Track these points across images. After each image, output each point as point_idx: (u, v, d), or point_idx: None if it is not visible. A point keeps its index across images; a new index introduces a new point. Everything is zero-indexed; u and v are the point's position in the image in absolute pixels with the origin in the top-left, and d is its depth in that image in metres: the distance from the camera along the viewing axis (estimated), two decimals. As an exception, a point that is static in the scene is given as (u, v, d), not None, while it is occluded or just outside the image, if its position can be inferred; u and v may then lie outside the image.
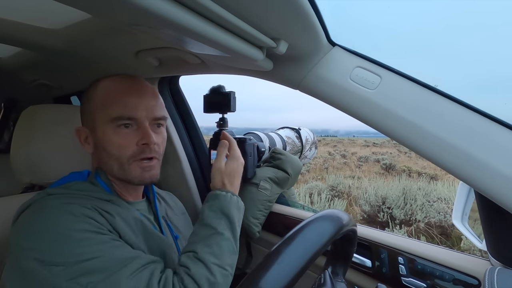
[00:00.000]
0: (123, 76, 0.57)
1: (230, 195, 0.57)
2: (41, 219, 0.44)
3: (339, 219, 0.39)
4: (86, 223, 0.44)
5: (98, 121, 0.53)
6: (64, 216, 0.44)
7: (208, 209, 0.55)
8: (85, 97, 0.57)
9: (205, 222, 0.53)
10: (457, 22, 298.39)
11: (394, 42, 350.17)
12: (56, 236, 0.42)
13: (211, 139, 0.85)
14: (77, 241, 0.42)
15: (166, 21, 0.34)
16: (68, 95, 1.33)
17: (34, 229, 0.43)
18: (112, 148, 0.53)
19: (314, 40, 0.53)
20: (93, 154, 0.58)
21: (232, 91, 0.79)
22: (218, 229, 0.52)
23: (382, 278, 0.71)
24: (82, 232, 0.43)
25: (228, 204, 0.55)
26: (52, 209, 0.45)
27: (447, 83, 40.51)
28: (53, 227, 0.43)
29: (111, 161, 0.54)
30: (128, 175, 0.54)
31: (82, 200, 0.48)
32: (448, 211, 3.94)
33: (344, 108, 0.56)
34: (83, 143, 0.57)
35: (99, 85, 0.56)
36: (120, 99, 0.53)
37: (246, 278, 0.31)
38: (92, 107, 0.55)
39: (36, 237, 0.42)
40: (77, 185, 0.53)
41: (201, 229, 0.53)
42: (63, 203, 0.46)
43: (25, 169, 0.66)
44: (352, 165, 11.93)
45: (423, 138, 0.49)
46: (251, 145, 0.79)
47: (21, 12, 0.65)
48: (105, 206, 0.49)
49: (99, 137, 0.53)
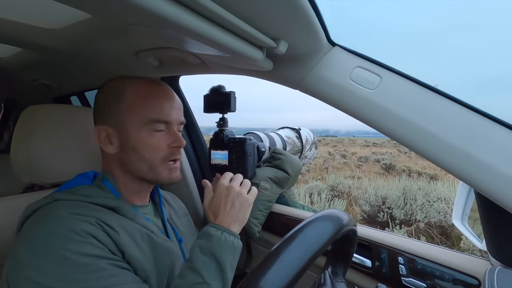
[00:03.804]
0: (151, 79, 0.58)
1: (225, 235, 0.52)
2: (43, 234, 0.42)
3: (339, 219, 0.39)
4: (89, 244, 0.42)
5: (130, 122, 0.53)
6: (66, 233, 0.42)
7: (199, 250, 0.50)
8: (111, 96, 0.55)
9: (193, 265, 0.48)
10: (458, 22, 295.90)
11: (394, 42, 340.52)
12: (56, 257, 0.40)
13: (211, 139, 0.85)
14: (77, 266, 0.40)
15: (166, 21, 0.34)
16: (68, 95, 1.33)
17: (34, 244, 0.41)
18: (145, 150, 0.53)
19: (314, 40, 0.53)
20: (112, 154, 0.55)
21: (232, 91, 0.79)
22: (205, 278, 0.47)
23: (382, 278, 0.71)
24: (83, 257, 0.41)
25: (221, 248, 0.50)
26: (55, 222, 0.43)
27: (447, 83, 40.56)
28: (54, 246, 0.41)
29: (141, 163, 0.54)
30: (159, 176, 0.55)
31: (87, 210, 0.47)
32: (448, 211, 3.94)
33: (344, 108, 0.56)
34: (102, 142, 0.54)
35: (129, 86, 0.55)
36: (157, 104, 0.54)
37: (246, 278, 0.31)
38: (123, 108, 0.53)
39: (36, 254, 0.41)
40: (84, 190, 0.51)
41: (188, 274, 0.48)
42: (69, 213, 0.45)
43: (25, 169, 0.66)
44: (352, 165, 11.93)
45: (423, 138, 0.49)
46: (251, 145, 0.79)
47: (21, 12, 0.65)
48: (110, 219, 0.47)
49: (131, 138, 0.53)
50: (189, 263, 0.49)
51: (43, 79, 1.13)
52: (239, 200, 0.57)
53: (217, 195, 0.59)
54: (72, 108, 0.78)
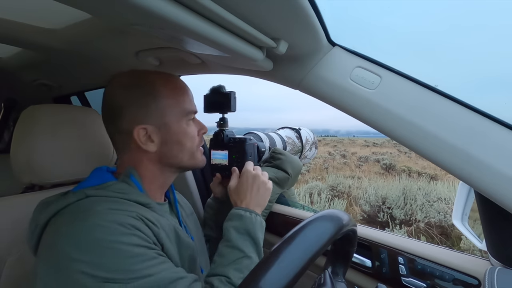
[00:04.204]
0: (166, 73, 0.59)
1: (254, 216, 0.60)
2: (89, 227, 0.41)
3: (339, 219, 0.39)
4: (136, 236, 0.43)
5: (171, 117, 0.55)
6: (114, 226, 0.42)
7: (235, 230, 0.57)
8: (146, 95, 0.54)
9: (232, 244, 0.55)
10: (458, 22, 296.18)
11: (394, 42, 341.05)
12: (109, 249, 0.40)
13: (211, 139, 0.84)
14: (131, 257, 0.41)
15: (166, 21, 0.34)
16: (68, 95, 1.33)
17: (82, 238, 0.40)
18: (187, 140, 0.57)
19: (314, 40, 0.53)
20: (151, 152, 0.55)
21: (232, 91, 0.79)
22: (246, 253, 0.54)
23: (382, 278, 0.71)
24: (134, 247, 0.42)
25: (253, 226, 0.58)
26: (99, 216, 0.42)
27: (447, 83, 40.55)
28: (104, 239, 0.40)
29: (182, 154, 0.57)
30: (196, 161, 0.61)
31: (125, 206, 0.47)
32: (448, 211, 3.94)
33: (344, 108, 0.56)
34: (143, 142, 0.53)
35: (158, 82, 0.55)
36: (186, 96, 0.58)
37: (246, 278, 0.31)
38: (162, 104, 0.54)
39: (86, 248, 0.40)
40: (115, 185, 0.50)
41: (228, 251, 0.54)
42: (109, 209, 0.44)
43: (25, 169, 0.66)
44: (352, 165, 11.93)
45: (423, 138, 0.49)
46: (251, 145, 0.79)
47: (21, 12, 0.65)
48: (147, 214, 0.48)
49: (173, 132, 0.55)
50: (227, 243, 0.55)
51: (43, 79, 1.13)
52: (263, 186, 0.66)
53: (244, 181, 0.66)
54: (72, 108, 0.78)
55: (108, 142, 0.80)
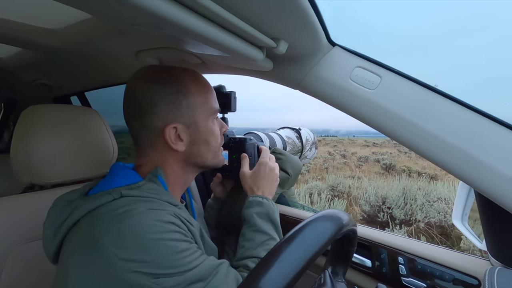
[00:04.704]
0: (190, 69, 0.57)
1: (271, 202, 0.64)
2: (134, 226, 0.41)
3: (339, 219, 0.39)
4: (179, 232, 0.44)
5: (200, 115, 0.54)
6: (158, 224, 0.42)
7: (257, 215, 0.60)
8: (177, 92, 0.52)
9: (258, 228, 0.58)
10: (458, 23, 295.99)
11: (394, 42, 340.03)
12: (156, 247, 0.40)
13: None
14: (179, 252, 0.42)
15: (166, 21, 0.34)
16: (68, 95, 1.33)
17: (128, 238, 0.40)
18: (213, 139, 0.57)
19: (314, 40, 0.53)
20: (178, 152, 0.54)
21: (232, 91, 0.79)
22: (271, 235, 0.58)
23: (382, 278, 0.71)
24: (179, 242, 0.43)
25: (273, 211, 0.62)
26: (141, 216, 0.42)
27: (448, 83, 40.51)
28: (151, 237, 0.40)
29: (207, 153, 0.57)
30: (218, 160, 0.61)
31: (161, 205, 0.46)
32: (448, 211, 3.94)
33: (344, 108, 0.56)
34: (173, 142, 0.52)
35: (187, 78, 0.54)
36: (213, 92, 0.58)
37: (246, 278, 0.31)
38: (192, 102, 0.53)
39: (133, 247, 0.39)
40: (146, 186, 0.49)
41: (255, 235, 0.58)
42: (148, 209, 0.43)
43: (25, 169, 0.66)
44: (352, 165, 11.93)
45: (423, 138, 0.49)
46: (251, 145, 0.79)
47: (21, 12, 0.65)
48: (181, 213, 0.48)
49: (201, 130, 0.55)
50: (253, 227, 0.59)
51: (43, 79, 1.13)
52: (276, 178, 0.70)
53: (262, 170, 0.67)
54: (72, 108, 0.78)
55: (108, 142, 0.80)
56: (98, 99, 1.38)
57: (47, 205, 0.49)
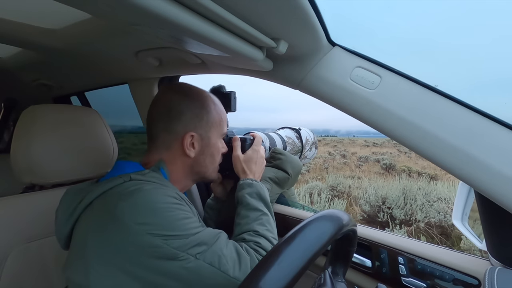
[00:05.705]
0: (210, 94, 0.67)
1: (260, 183, 0.70)
2: (145, 198, 0.47)
3: (339, 219, 0.39)
4: (182, 205, 0.51)
5: (213, 133, 0.64)
6: (165, 197, 0.49)
7: (249, 195, 0.66)
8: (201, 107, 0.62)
9: (250, 206, 0.64)
10: (458, 23, 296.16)
11: (394, 42, 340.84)
12: (165, 213, 0.47)
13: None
14: (185, 219, 0.49)
15: (166, 21, 0.34)
16: (68, 95, 1.34)
17: (141, 207, 0.46)
18: (217, 155, 0.67)
19: (314, 40, 0.53)
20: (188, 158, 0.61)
21: (232, 91, 0.79)
22: (263, 211, 0.64)
23: (382, 278, 0.71)
24: (183, 212, 0.50)
25: (263, 191, 0.68)
26: (151, 192, 0.49)
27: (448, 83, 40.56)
28: (160, 207, 0.47)
29: (211, 165, 0.66)
30: (216, 176, 0.70)
31: (166, 188, 0.53)
32: (448, 211, 3.95)
33: (344, 108, 0.56)
34: (187, 147, 0.60)
35: (211, 100, 0.64)
36: (226, 119, 0.68)
37: (246, 278, 0.31)
38: (211, 119, 0.63)
39: (146, 213, 0.46)
40: (150, 173, 0.55)
41: (249, 213, 0.63)
42: (155, 188, 0.50)
43: (25, 169, 0.66)
44: (352, 165, 11.93)
45: (423, 138, 0.49)
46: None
47: (21, 12, 0.65)
48: (183, 196, 0.54)
49: (211, 146, 0.64)
50: (246, 206, 0.64)
51: (43, 79, 1.13)
52: (264, 164, 0.77)
53: (255, 156, 0.73)
54: (72, 108, 0.78)
55: (108, 142, 0.80)
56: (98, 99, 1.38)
57: (47, 205, 0.50)
